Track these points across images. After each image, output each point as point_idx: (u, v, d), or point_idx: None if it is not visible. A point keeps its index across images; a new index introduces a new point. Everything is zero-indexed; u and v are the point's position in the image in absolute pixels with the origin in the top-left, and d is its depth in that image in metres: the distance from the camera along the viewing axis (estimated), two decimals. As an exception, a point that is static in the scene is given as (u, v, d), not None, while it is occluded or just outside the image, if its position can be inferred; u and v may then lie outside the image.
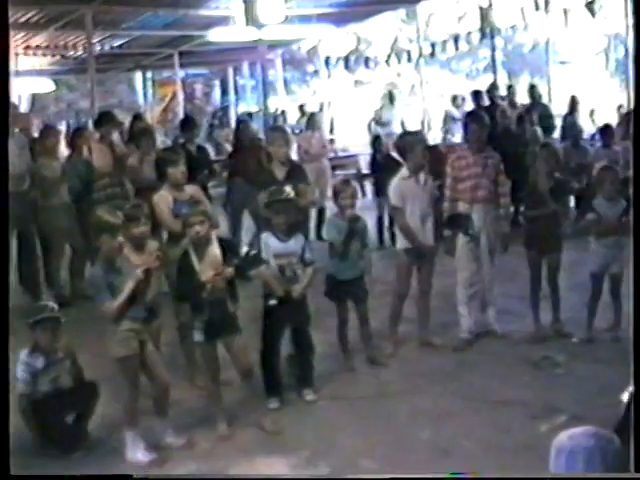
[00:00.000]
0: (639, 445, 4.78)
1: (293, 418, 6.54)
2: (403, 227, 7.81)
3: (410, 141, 7.97)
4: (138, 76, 28.13)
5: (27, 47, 17.98)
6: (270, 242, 6.70)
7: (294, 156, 11.97)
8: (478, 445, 5.83)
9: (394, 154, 13.69)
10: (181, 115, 21.10)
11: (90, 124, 16.24)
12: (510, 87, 17.06)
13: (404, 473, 5.44)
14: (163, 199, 7.20)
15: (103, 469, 5.78)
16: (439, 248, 7.96)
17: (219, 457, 5.88)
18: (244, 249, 6.32)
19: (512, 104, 15.35)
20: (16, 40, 17.04)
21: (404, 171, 7.81)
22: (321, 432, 6.26)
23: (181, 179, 7.21)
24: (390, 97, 20.10)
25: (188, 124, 11.90)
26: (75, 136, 11.07)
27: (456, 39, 20.64)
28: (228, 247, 6.36)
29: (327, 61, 23.35)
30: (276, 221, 6.72)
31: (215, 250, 6.19)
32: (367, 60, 22.93)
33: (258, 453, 5.92)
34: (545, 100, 16.85)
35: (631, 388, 3.74)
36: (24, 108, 20.33)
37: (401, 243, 7.89)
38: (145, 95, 28.44)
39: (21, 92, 21.68)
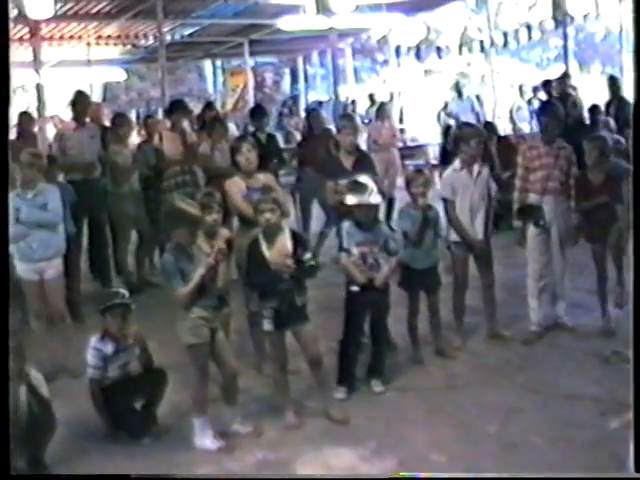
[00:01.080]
0: (639, 445, 4.74)
1: (361, 409, 6.50)
2: (453, 220, 7.74)
3: (467, 133, 7.87)
4: (208, 65, 28.30)
5: (99, 37, 18.19)
6: (351, 230, 6.68)
7: (363, 145, 11.92)
8: (547, 441, 5.75)
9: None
10: (251, 104, 21.18)
11: (160, 112, 16.40)
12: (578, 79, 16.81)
13: (472, 467, 5.41)
14: (235, 185, 7.22)
15: (171, 455, 5.83)
16: (489, 242, 7.85)
17: (286, 446, 5.87)
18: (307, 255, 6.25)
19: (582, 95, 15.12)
20: (88, 30, 17.26)
21: (456, 163, 7.74)
22: (389, 424, 6.22)
23: (253, 167, 7.21)
24: (457, 87, 19.95)
25: (259, 112, 11.91)
26: (146, 124, 11.18)
27: (529, 28, 20.43)
28: (299, 240, 6.35)
29: (397, 50, 23.26)
30: (358, 215, 6.69)
31: (286, 240, 6.20)
32: (439, 49, 22.80)
33: (325, 443, 5.90)
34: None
35: None
36: (96, 97, 20.51)
37: (452, 236, 7.82)
38: (215, 84, 28.60)
39: (93, 81, 21.95)
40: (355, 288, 6.65)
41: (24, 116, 11.73)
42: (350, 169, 7.56)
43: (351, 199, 6.72)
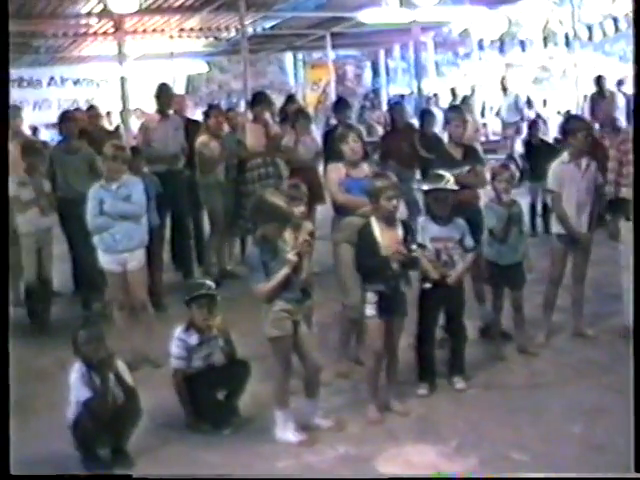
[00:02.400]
0: (639, 445, 4.61)
1: (442, 406, 6.46)
2: (559, 212, 7.65)
3: (575, 126, 7.77)
4: (289, 57, 28.38)
5: (181, 30, 18.33)
6: (427, 226, 6.65)
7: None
8: (633, 443, 5.62)
9: (546, 138, 13.49)
10: (333, 97, 21.19)
11: (241, 105, 16.47)
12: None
13: (556, 468, 5.32)
14: (335, 170, 7.22)
15: (252, 447, 5.85)
16: (593, 237, 7.74)
17: (368, 442, 5.84)
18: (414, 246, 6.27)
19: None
20: (171, 23, 17.40)
21: (565, 155, 7.65)
22: (470, 421, 6.16)
23: (357, 157, 7.18)
24: (503, 83, 19.79)
25: (342, 105, 11.90)
26: (228, 116, 11.23)
27: (615, 20, 20.07)
28: (408, 229, 6.35)
29: (480, 43, 23.04)
30: (434, 207, 6.67)
31: (398, 227, 6.24)
32: (522, 43, 22.54)
33: (407, 440, 5.87)
34: None
35: None
36: (179, 90, 20.69)
37: (555, 228, 7.73)
38: (295, 76, 28.67)
39: (176, 74, 22.17)
40: (428, 285, 6.60)
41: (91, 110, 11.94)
42: (460, 160, 7.56)
43: (426, 186, 6.73)
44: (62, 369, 6.30)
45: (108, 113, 12.59)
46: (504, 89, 20.22)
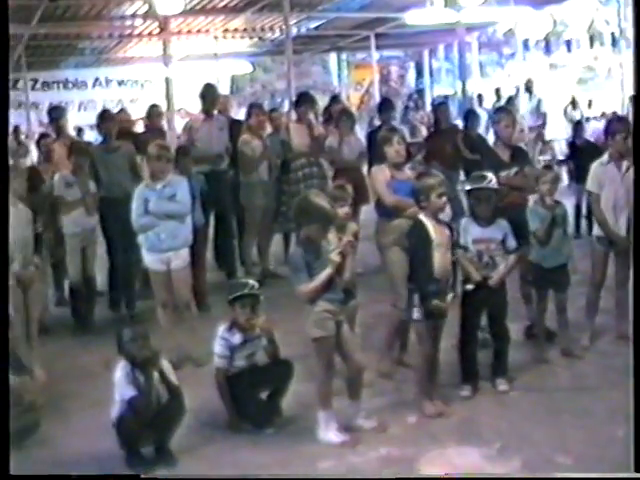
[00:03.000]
0: (639, 445, 4.53)
1: (485, 408, 6.43)
2: (597, 214, 7.59)
3: (614, 127, 7.70)
4: (333, 57, 28.39)
5: (225, 30, 18.40)
6: (470, 227, 6.63)
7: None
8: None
9: (592, 139, 13.37)
10: (376, 97, 21.18)
11: (285, 105, 16.48)
12: None
13: (599, 471, 5.26)
14: (381, 172, 7.18)
15: (294, 447, 5.85)
16: (631, 239, 7.65)
17: (410, 443, 5.81)
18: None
19: None
20: (215, 24, 17.48)
21: (605, 157, 7.58)
22: (513, 423, 6.12)
23: (401, 159, 7.16)
24: (527, 85, 19.65)
25: (386, 106, 11.91)
26: (271, 117, 11.26)
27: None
28: (451, 230, 6.36)
29: (525, 43, 22.91)
30: (477, 208, 6.65)
31: (444, 226, 6.22)
32: (568, 42, 22.39)
33: (450, 442, 5.83)
34: None
35: None
36: (223, 90, 20.76)
37: (596, 230, 7.68)
38: (339, 77, 28.69)
39: (220, 74, 22.24)
40: (470, 286, 6.58)
41: (153, 109, 11.97)
42: (508, 162, 7.53)
43: (469, 186, 6.73)
44: (106, 368, 6.35)
45: (159, 113, 12.59)
46: (529, 92, 20.09)
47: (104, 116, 10.01)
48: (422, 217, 6.24)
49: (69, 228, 8.96)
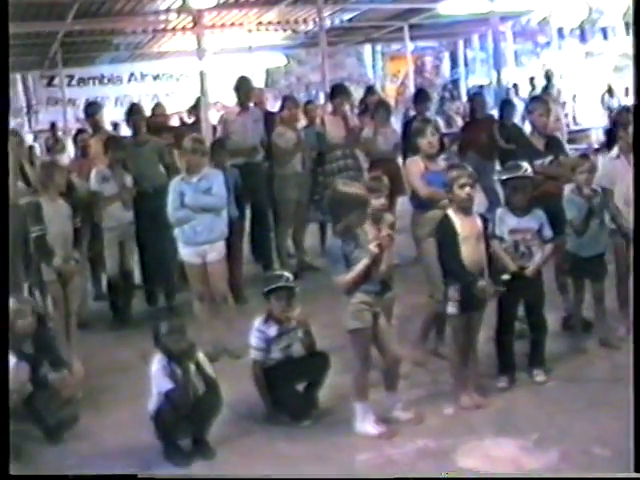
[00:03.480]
0: (639, 445, 4.46)
1: (522, 399, 6.40)
2: (611, 208, 7.44)
3: (625, 118, 7.61)
4: (367, 49, 28.33)
5: (259, 23, 18.39)
6: (505, 217, 6.59)
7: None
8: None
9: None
10: (411, 88, 21.12)
11: (320, 97, 16.47)
12: None
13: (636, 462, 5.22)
14: (415, 164, 7.18)
15: (331, 439, 5.85)
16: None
17: (447, 435, 5.79)
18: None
19: None
20: (249, 17, 17.49)
21: (614, 150, 7.50)
22: (551, 415, 6.08)
23: (434, 150, 7.14)
24: (547, 75, 19.47)
25: (421, 97, 11.89)
26: (306, 109, 11.26)
27: None
28: (485, 221, 6.34)
29: (560, 32, 22.73)
30: (513, 197, 6.61)
31: (476, 218, 6.21)
32: (604, 30, 22.19)
33: (487, 433, 5.81)
34: None
35: None
36: (258, 82, 20.82)
37: (611, 223, 7.58)
38: (374, 68, 28.63)
39: (254, 67, 22.28)
40: (506, 276, 6.53)
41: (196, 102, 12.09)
42: (542, 151, 7.48)
43: (505, 175, 6.69)
44: (144, 361, 6.39)
45: (193, 107, 12.67)
46: (548, 80, 19.91)
47: (133, 110, 10.07)
48: (449, 210, 6.24)
49: (107, 222, 9.01)
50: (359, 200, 5.82)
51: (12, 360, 6.40)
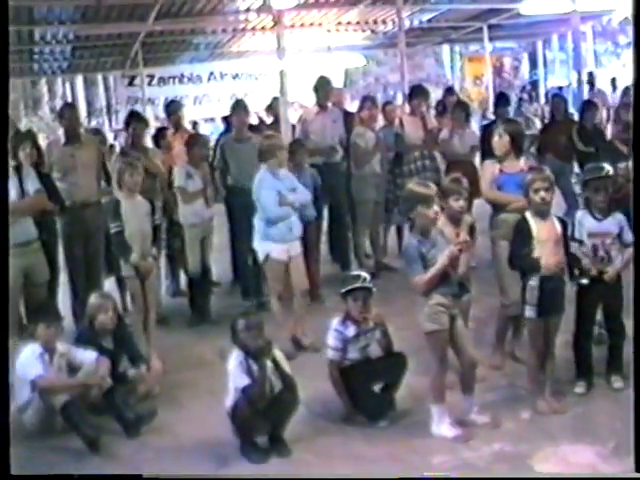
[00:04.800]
0: (639, 445, 4.32)
1: (600, 405, 6.31)
2: None
3: None
4: (445, 50, 28.21)
5: (339, 23, 18.42)
6: (585, 220, 6.51)
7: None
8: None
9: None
10: (490, 90, 20.99)
11: (398, 98, 16.43)
12: None
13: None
14: (489, 167, 7.17)
15: (407, 440, 5.84)
16: None
17: (524, 439, 5.74)
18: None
19: None
20: (328, 17, 17.52)
21: None
22: (629, 422, 5.99)
23: (505, 152, 7.11)
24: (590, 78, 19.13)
25: (501, 100, 11.83)
26: (385, 110, 11.25)
27: None
28: (565, 225, 6.28)
29: (642, 32, 22.29)
30: (594, 199, 6.53)
31: (554, 221, 6.17)
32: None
33: (564, 439, 5.74)
34: None
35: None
36: (337, 83, 20.88)
37: None
38: (452, 69, 28.51)
39: (333, 67, 22.30)
40: (584, 281, 6.45)
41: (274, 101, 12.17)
42: (627, 154, 7.39)
43: (586, 176, 6.62)
44: (221, 357, 6.46)
45: (270, 106, 12.76)
46: (614, 88, 19.56)
47: (237, 106, 10.06)
48: (527, 213, 6.19)
49: (189, 219, 9.08)
50: (424, 198, 5.80)
51: (93, 355, 6.55)
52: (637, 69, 5.31)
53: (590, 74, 17.85)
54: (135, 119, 9.81)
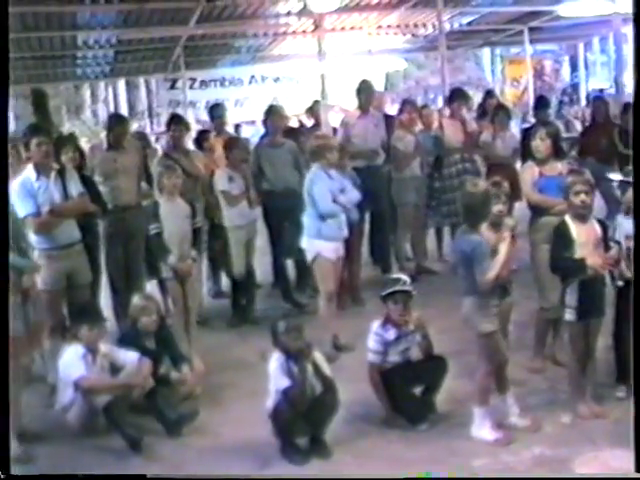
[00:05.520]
0: (639, 445, 4.24)
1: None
2: None
3: None
4: (486, 53, 28.10)
5: (379, 27, 18.39)
6: (624, 223, 6.47)
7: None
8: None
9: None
10: (530, 92, 20.88)
11: (438, 101, 16.40)
12: None
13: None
14: (529, 169, 7.17)
15: (447, 443, 5.85)
16: None
17: (564, 443, 5.73)
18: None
19: None
20: (369, 21, 17.53)
21: None
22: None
23: (547, 154, 7.08)
24: None
25: (542, 104, 11.78)
26: (422, 113, 11.24)
27: None
28: (605, 229, 6.24)
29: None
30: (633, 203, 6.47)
31: (594, 224, 6.14)
32: None
33: (604, 443, 5.73)
34: None
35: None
36: (377, 86, 20.91)
37: None
38: (493, 72, 28.39)
39: (374, 70, 22.29)
40: (620, 283, 6.41)
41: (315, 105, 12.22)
42: None
43: (617, 177, 6.58)
44: (262, 359, 6.49)
45: (310, 109, 12.81)
46: None
47: (271, 111, 10.11)
48: (566, 216, 6.16)
49: (234, 221, 9.12)
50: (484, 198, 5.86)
51: (135, 355, 6.61)
52: (637, 69, 5.28)
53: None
54: (177, 122, 9.86)
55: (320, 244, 7.80)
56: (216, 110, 11.37)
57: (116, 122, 9.16)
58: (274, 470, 5.68)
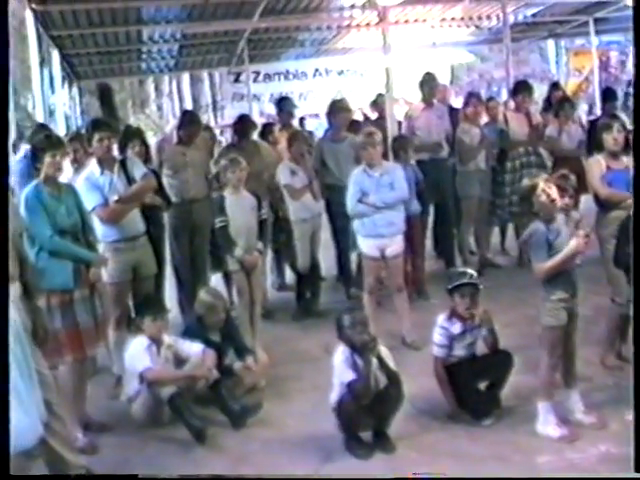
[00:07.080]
0: (639, 445, 4.10)
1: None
2: None
3: None
4: (550, 44, 27.77)
5: (443, 19, 18.33)
6: None
7: None
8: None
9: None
10: (595, 85, 20.62)
11: (502, 93, 16.24)
12: None
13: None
14: (596, 163, 7.07)
15: (512, 439, 5.80)
16: None
17: (630, 441, 5.61)
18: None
19: None
20: (433, 13, 17.47)
21: None
22: None
23: (619, 148, 6.98)
24: None
25: (609, 95, 11.62)
26: (488, 106, 11.16)
27: None
28: None
29: None
30: None
31: None
32: None
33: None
34: None
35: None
36: (441, 79, 20.82)
37: None
38: (557, 64, 28.07)
39: (438, 63, 22.18)
40: None
41: (379, 98, 12.21)
42: None
43: None
44: (327, 352, 6.50)
45: (375, 102, 12.82)
46: None
47: (335, 106, 10.09)
48: (632, 211, 6.06)
49: (299, 214, 9.17)
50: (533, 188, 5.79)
51: (199, 347, 6.67)
52: (637, 69, 5.18)
53: None
54: (244, 122, 9.92)
55: (361, 241, 7.88)
56: (284, 103, 11.41)
57: (190, 120, 9.19)
58: (337, 464, 5.68)
